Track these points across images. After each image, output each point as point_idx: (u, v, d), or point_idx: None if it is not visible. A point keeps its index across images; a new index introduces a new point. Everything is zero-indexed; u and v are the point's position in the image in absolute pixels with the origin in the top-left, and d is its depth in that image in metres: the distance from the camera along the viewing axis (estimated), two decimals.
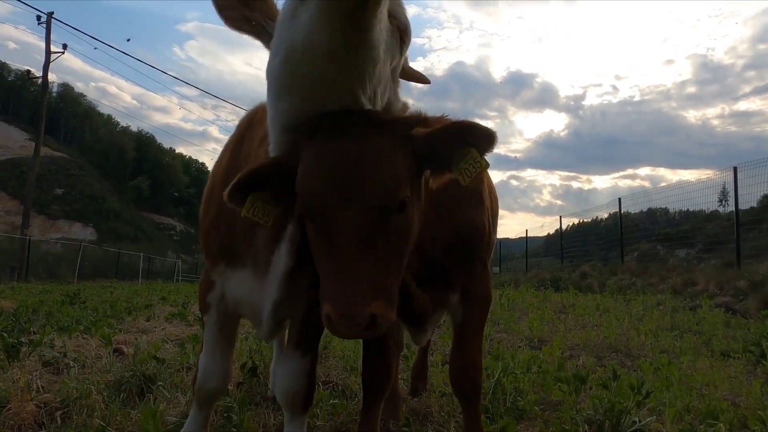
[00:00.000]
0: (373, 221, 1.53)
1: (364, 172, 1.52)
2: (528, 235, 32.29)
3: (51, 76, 29.38)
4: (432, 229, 2.15)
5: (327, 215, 1.54)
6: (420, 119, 1.76)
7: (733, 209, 14.62)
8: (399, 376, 3.72)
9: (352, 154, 1.54)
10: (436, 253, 2.21)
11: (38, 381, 3.49)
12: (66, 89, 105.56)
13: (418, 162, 1.71)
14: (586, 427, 2.87)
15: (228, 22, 1.83)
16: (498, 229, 3.09)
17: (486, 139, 1.65)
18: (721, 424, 2.94)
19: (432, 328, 2.63)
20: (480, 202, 2.41)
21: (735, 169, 14.58)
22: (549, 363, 4.33)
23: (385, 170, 1.54)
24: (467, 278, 2.36)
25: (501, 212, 4.28)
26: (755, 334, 6.04)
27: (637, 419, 2.92)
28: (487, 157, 1.69)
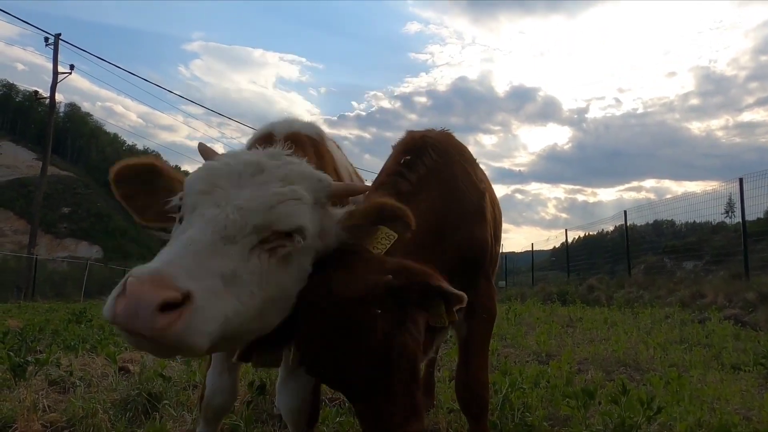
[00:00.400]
0: None
1: None
2: (534, 249, 32.18)
3: (58, 97, 29.71)
4: (435, 248, 2.16)
5: None
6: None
7: (740, 220, 14.53)
8: None
9: None
10: (446, 272, 2.20)
11: (44, 400, 3.48)
12: (73, 109, 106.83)
13: None
14: None
15: (137, 215, 1.80)
16: (503, 243, 3.10)
17: (395, 219, 1.72)
18: None
19: (436, 346, 2.62)
20: (482, 218, 2.42)
21: (741, 181, 14.51)
22: (557, 378, 4.29)
23: None
24: (471, 294, 2.33)
25: (506, 226, 4.29)
26: (765, 347, 5.97)
27: None
28: (492, 171, 1.72)
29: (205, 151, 1.79)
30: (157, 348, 1.27)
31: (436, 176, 2.31)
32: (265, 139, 2.31)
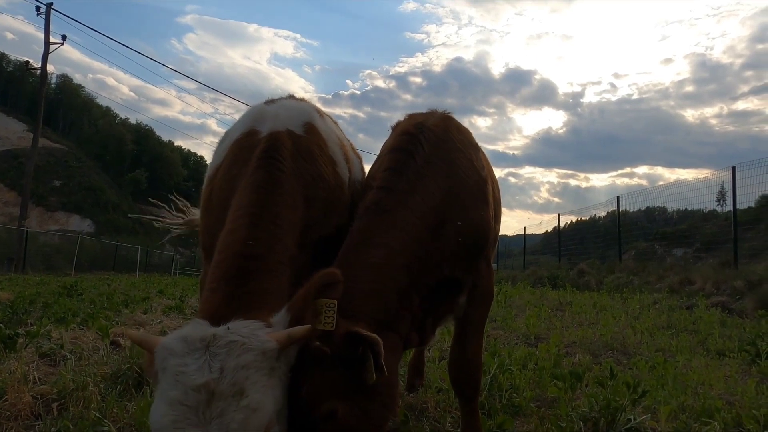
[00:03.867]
0: None
1: None
2: (526, 233, 32.34)
3: (50, 68, 29.27)
4: (438, 236, 2.18)
5: None
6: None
7: (731, 209, 14.62)
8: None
9: None
10: (449, 261, 2.23)
11: (35, 372, 3.50)
12: (65, 81, 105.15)
13: None
14: (582, 424, 2.88)
15: None
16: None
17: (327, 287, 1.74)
18: (716, 423, 2.95)
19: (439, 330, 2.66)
20: (484, 203, 2.41)
21: (734, 169, 14.57)
22: (545, 360, 4.34)
23: None
24: (474, 277, 2.38)
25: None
26: (751, 334, 6.06)
27: (632, 417, 2.93)
28: (486, 153, 1.72)
29: (139, 341, 1.71)
30: None
31: (435, 166, 2.29)
32: (249, 135, 2.33)
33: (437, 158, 2.32)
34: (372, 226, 2.09)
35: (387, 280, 1.98)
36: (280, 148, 2.18)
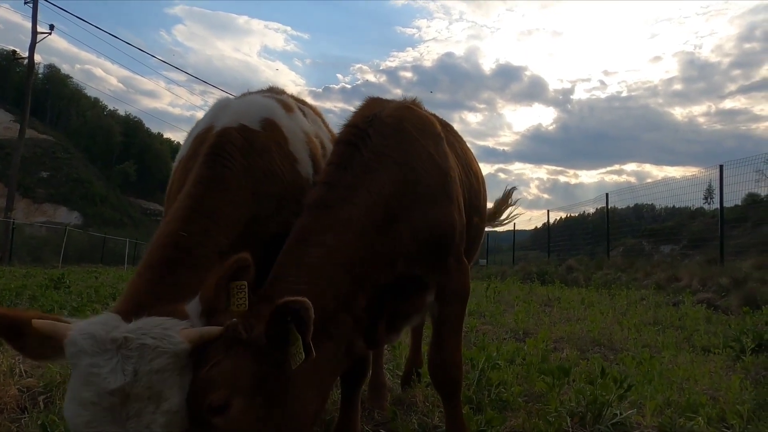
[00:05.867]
0: None
1: None
2: (516, 229, 32.49)
3: (37, 57, 28.86)
4: (388, 234, 2.07)
5: None
6: None
7: (718, 207, 14.78)
8: (385, 366, 3.74)
9: None
10: (406, 259, 2.13)
11: (21, 365, 3.47)
12: (52, 71, 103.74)
13: None
14: (569, 419, 2.91)
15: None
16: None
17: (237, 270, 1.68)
18: (700, 418, 2.99)
19: (404, 329, 2.57)
20: (444, 198, 2.29)
21: (721, 167, 14.71)
22: (533, 355, 4.38)
23: None
24: (441, 275, 2.28)
25: (489, 205, 4.28)
26: (736, 331, 6.13)
27: (618, 412, 2.97)
28: (476, 149, 1.68)
29: (45, 330, 1.63)
30: None
31: (386, 158, 2.16)
32: (207, 129, 2.33)
33: (389, 150, 2.18)
34: (311, 224, 1.98)
35: (322, 281, 1.84)
36: (226, 144, 2.17)
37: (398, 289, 2.14)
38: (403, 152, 2.21)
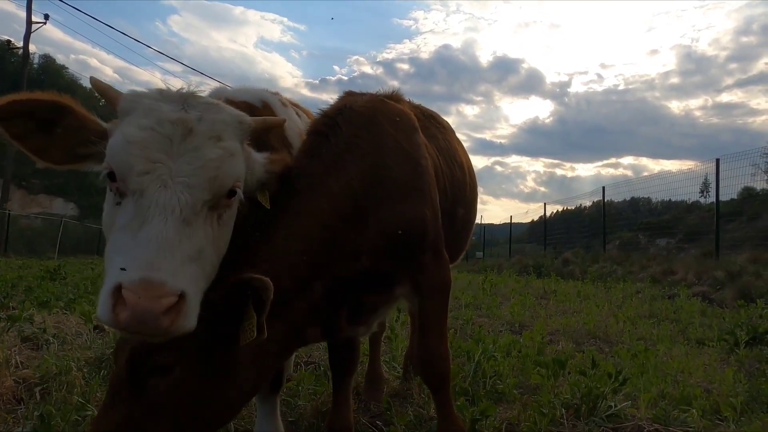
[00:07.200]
0: None
1: None
2: (512, 221, 32.55)
3: (32, 48, 28.67)
4: (356, 229, 2.03)
5: None
6: None
7: (714, 200, 14.81)
8: (381, 358, 3.75)
9: None
10: (373, 253, 2.09)
11: (17, 356, 3.46)
12: (47, 61, 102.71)
13: None
14: (563, 410, 2.92)
15: (37, 156, 1.68)
16: (482, 214, 3.03)
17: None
18: (694, 410, 3.01)
19: (376, 322, 2.53)
20: (415, 193, 2.23)
21: (717, 161, 14.74)
22: (529, 348, 4.39)
23: None
24: (416, 271, 2.23)
25: (485, 198, 4.31)
26: (730, 324, 6.17)
27: (613, 404, 2.99)
28: (473, 142, 1.65)
29: (102, 89, 1.63)
30: (157, 339, 1.38)
31: (357, 149, 2.11)
32: None
33: (359, 140, 2.13)
34: (279, 208, 1.95)
35: (281, 264, 1.83)
36: None
37: (364, 282, 2.12)
38: (373, 144, 2.16)
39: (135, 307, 1.25)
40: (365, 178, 2.07)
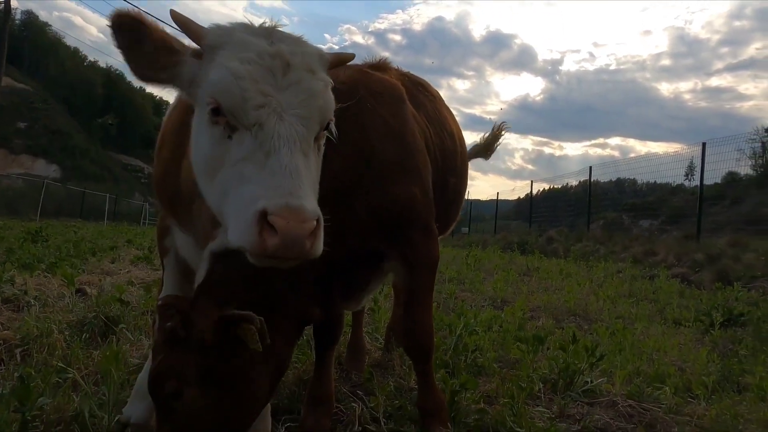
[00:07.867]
0: None
1: None
2: (499, 198, 32.68)
3: (13, 2, 27.75)
4: (347, 211, 1.99)
5: None
6: None
7: (698, 184, 14.98)
8: (364, 329, 3.78)
9: None
10: (361, 234, 2.07)
11: None
12: (30, 17, 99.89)
13: None
14: (541, 385, 2.98)
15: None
16: (470, 189, 3.01)
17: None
18: (667, 388, 3.09)
19: (366, 297, 2.53)
20: (404, 174, 2.17)
21: (704, 145, 14.86)
22: (510, 323, 4.45)
23: None
24: (405, 246, 2.21)
25: (473, 173, 4.27)
26: (707, 305, 6.31)
27: (589, 380, 3.05)
28: (463, 116, 1.64)
29: (184, 23, 1.62)
30: (294, 263, 1.42)
31: (337, 129, 1.96)
32: None
33: (339, 120, 1.93)
34: None
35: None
36: None
37: (354, 260, 2.11)
38: (356, 123, 2.04)
39: (285, 232, 1.30)
40: (347, 161, 1.98)
